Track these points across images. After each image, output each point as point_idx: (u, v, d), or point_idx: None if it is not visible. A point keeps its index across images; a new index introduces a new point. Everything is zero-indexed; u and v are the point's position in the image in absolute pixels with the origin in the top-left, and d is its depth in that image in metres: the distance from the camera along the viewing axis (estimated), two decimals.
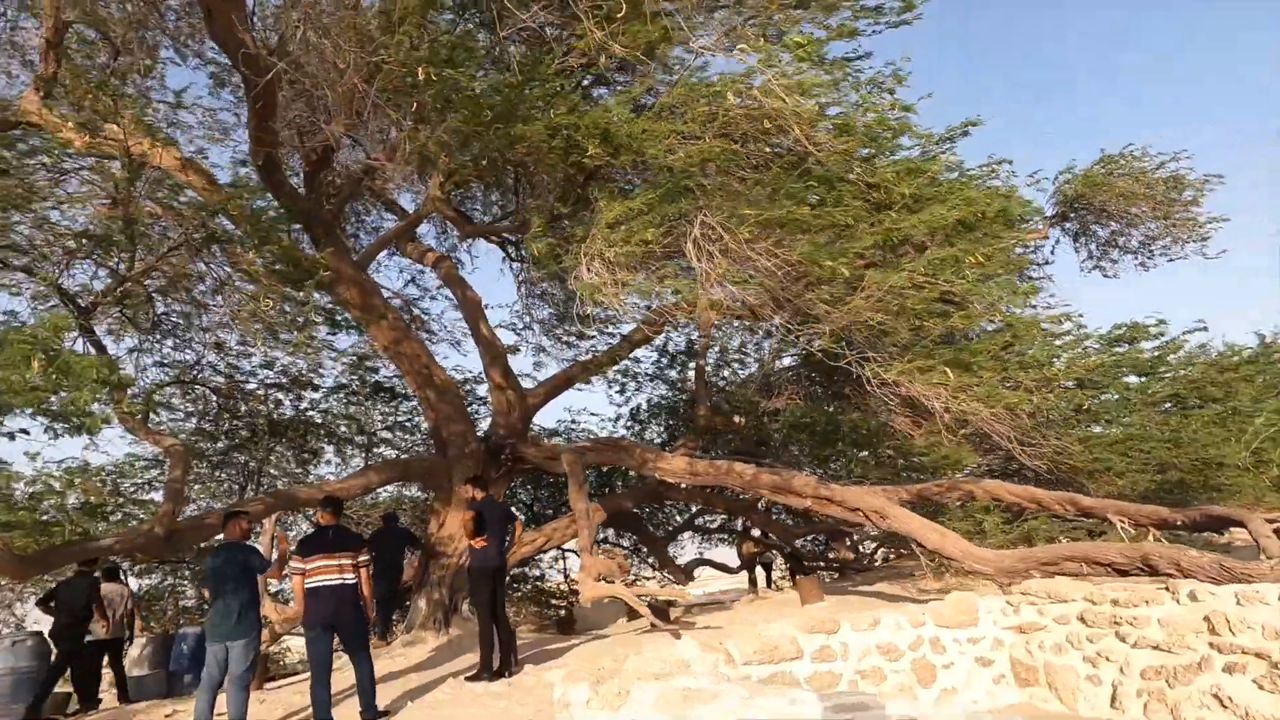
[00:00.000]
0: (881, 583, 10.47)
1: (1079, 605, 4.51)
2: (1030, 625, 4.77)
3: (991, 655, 4.83)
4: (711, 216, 4.58)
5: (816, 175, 5.08)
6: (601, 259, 4.70)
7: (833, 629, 4.63)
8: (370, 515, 14.14)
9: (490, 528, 6.28)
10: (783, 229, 4.62)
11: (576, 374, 11.63)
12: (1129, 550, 4.98)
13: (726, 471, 7.97)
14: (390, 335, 9.76)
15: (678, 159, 5.43)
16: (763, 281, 4.69)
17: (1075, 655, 4.44)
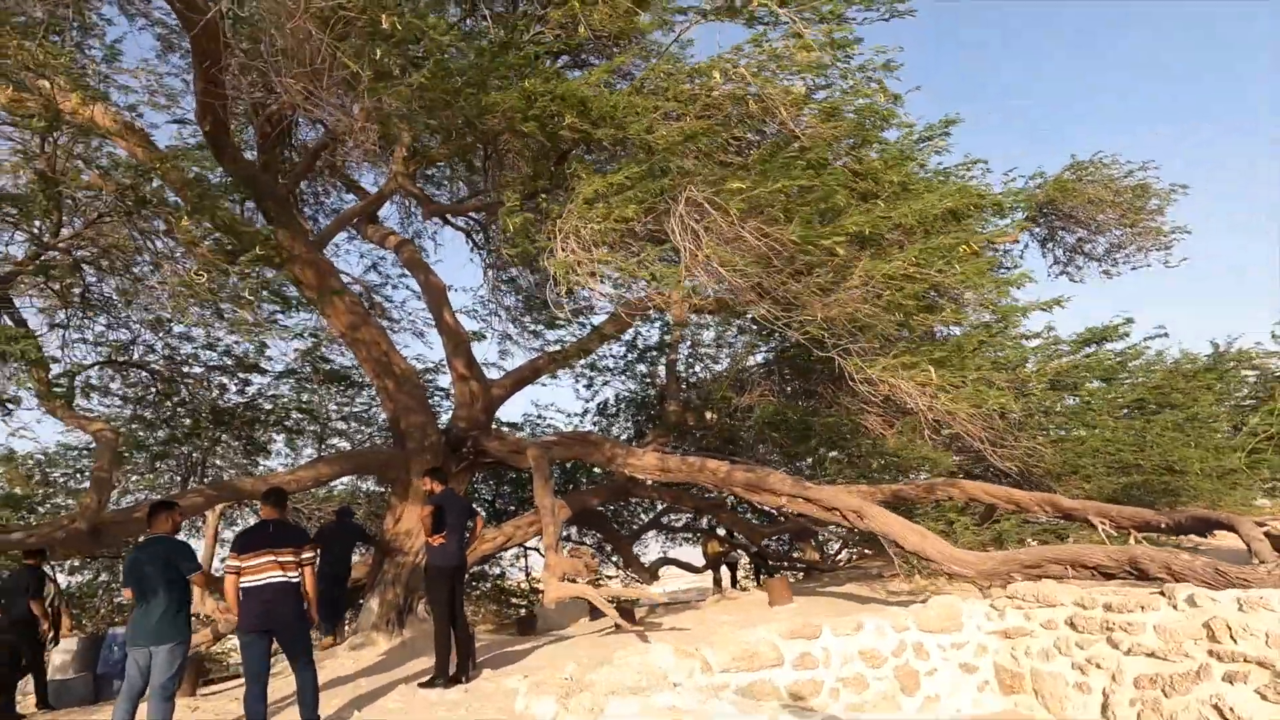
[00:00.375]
0: (850, 583, 10.33)
1: (1068, 610, 4.34)
2: (1016, 630, 4.60)
3: (976, 661, 4.65)
4: (699, 191, 4.26)
5: (806, 158, 4.81)
6: (577, 237, 4.34)
7: (814, 634, 4.38)
8: (324, 509, 13.51)
9: (450, 524, 5.88)
10: (772, 208, 4.33)
11: (544, 366, 11.23)
12: (1117, 553, 4.84)
13: (699, 469, 7.69)
14: (347, 319, 9.22)
15: (660, 137, 5.11)
16: (747, 267, 4.39)
17: (1064, 662, 4.27)
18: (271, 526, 4.78)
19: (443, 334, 10.53)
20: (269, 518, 4.83)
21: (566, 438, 9.43)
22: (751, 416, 9.74)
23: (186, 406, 7.99)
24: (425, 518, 5.77)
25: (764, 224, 4.29)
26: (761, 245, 4.28)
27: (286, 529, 4.86)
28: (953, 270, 5.04)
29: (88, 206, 5.78)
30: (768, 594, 8.98)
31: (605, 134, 5.30)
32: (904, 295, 4.92)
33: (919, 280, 4.95)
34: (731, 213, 4.08)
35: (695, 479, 7.85)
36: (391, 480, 9.49)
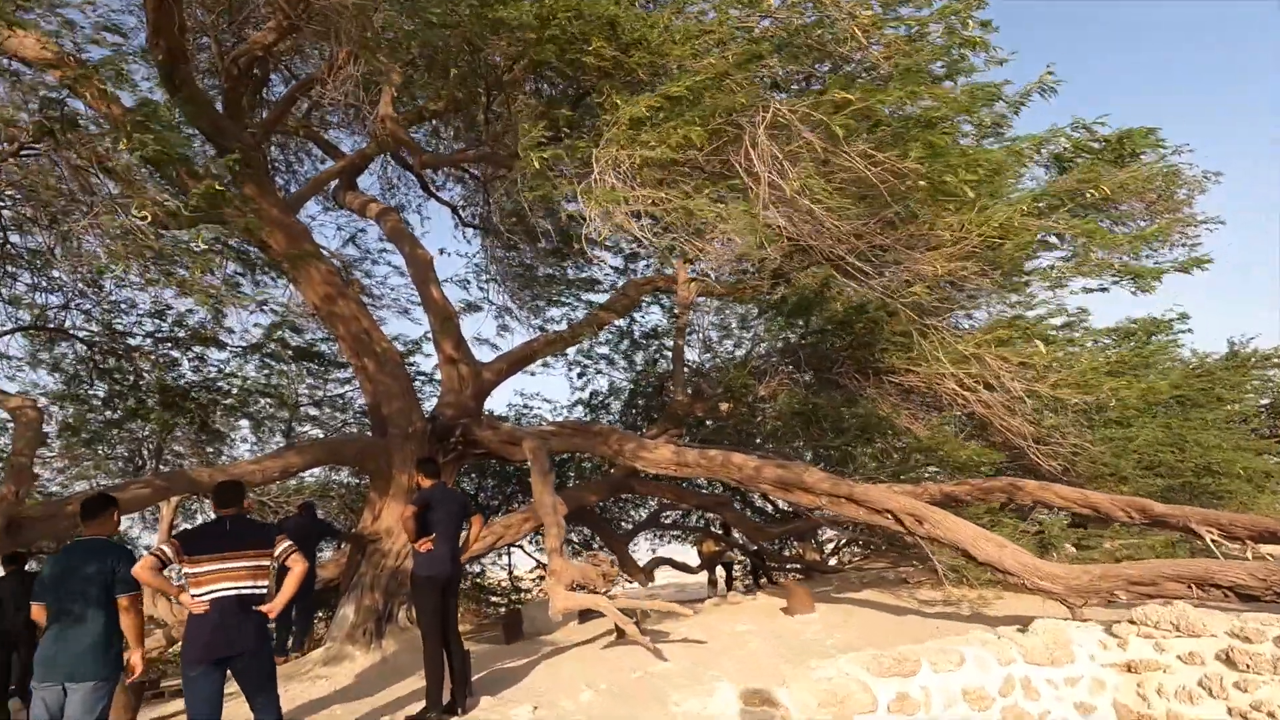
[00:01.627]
0: (867, 589, 9.56)
1: (1220, 641, 3.59)
2: (1144, 664, 3.84)
3: (1092, 700, 3.88)
4: (787, 107, 3.37)
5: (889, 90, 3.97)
6: (616, 169, 3.44)
7: (911, 670, 3.56)
8: (293, 503, 12.42)
9: (441, 525, 4.94)
10: (883, 130, 3.47)
11: (539, 349, 10.30)
12: (1261, 570, 4.10)
13: (722, 464, 6.84)
14: (322, 290, 8.20)
15: (707, 64, 4.21)
16: (847, 205, 3.52)
17: (1216, 707, 3.51)
18: (229, 523, 3.81)
19: (429, 311, 9.55)
20: (222, 514, 3.87)
21: (567, 428, 8.52)
22: (769, 408, 8.91)
23: (128, 384, 6.90)
24: (407, 520, 4.82)
25: (874, 149, 3.43)
26: (871, 175, 3.40)
27: (248, 526, 3.89)
28: (1075, 222, 4.24)
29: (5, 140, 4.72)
30: (787, 601, 8.17)
31: (639, 61, 4.39)
32: (1015, 248, 4.09)
33: (1031, 231, 4.14)
34: (835, 130, 3.20)
35: (717, 474, 7.00)
36: (370, 472, 8.51)
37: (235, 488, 3.98)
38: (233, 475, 7.11)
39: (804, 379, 8.87)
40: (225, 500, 3.89)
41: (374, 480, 8.63)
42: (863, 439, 7.74)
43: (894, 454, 7.84)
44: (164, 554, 3.58)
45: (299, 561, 3.87)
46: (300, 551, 3.94)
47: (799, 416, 7.54)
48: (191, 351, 6.60)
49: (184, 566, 3.61)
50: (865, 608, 8.04)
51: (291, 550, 3.89)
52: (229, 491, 3.94)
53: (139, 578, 3.55)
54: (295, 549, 3.91)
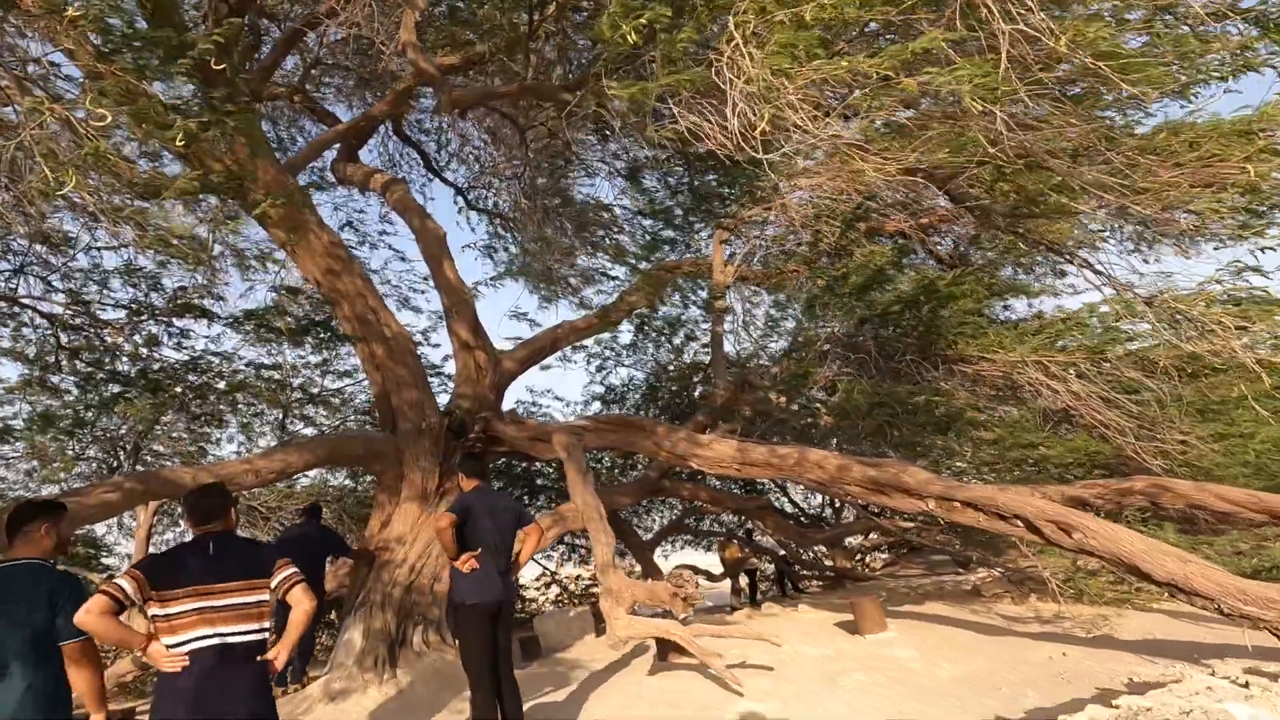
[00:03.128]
0: (931, 602, 8.61)
1: None
2: None
3: None
4: None
5: None
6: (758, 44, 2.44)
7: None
8: (289, 511, 11.30)
9: (487, 538, 3.92)
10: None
11: (564, 337, 9.27)
12: None
13: (797, 462, 5.85)
14: (323, 263, 7.13)
15: None
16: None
17: None
18: (212, 546, 2.76)
19: (441, 291, 8.51)
20: (204, 532, 2.81)
21: (603, 422, 7.50)
22: (827, 400, 7.93)
23: (103, 367, 5.81)
24: (444, 531, 3.78)
25: None
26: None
27: (238, 549, 2.83)
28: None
29: None
30: (856, 618, 7.20)
31: None
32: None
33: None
34: None
35: (789, 475, 6.01)
36: (379, 473, 7.45)
37: (217, 494, 2.90)
38: (220, 476, 6.04)
39: (867, 367, 7.90)
40: (205, 512, 2.82)
41: (382, 482, 7.58)
42: (947, 433, 6.79)
43: (981, 449, 6.90)
44: (121, 592, 2.52)
45: (306, 597, 2.80)
46: (305, 581, 2.88)
47: (878, 408, 6.57)
48: (174, 326, 5.54)
49: (151, 607, 2.57)
50: (946, 626, 7.08)
51: (294, 581, 2.81)
52: (210, 500, 2.86)
53: (86, 628, 2.49)
54: (299, 579, 2.84)
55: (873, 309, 7.57)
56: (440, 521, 3.88)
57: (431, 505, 7.38)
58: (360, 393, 10.87)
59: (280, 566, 2.81)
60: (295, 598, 2.77)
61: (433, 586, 7.05)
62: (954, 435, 6.72)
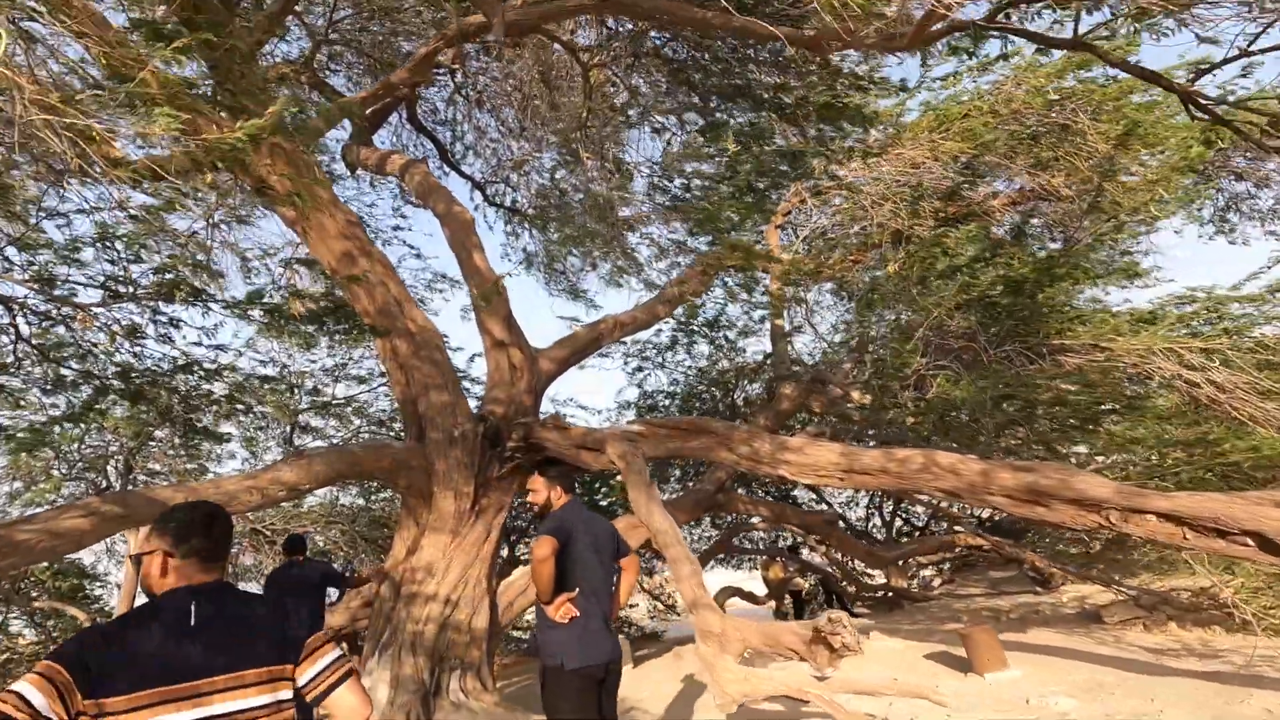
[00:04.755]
0: (1036, 629, 7.50)
1: None
2: None
3: None
4: None
5: None
6: None
7: None
8: (295, 532, 10.21)
9: (587, 573, 2.87)
10: None
11: (606, 333, 8.24)
12: None
13: (923, 468, 4.79)
14: (339, 247, 6.14)
15: None
16: None
17: None
18: (195, 607, 1.67)
19: (470, 282, 7.50)
20: (186, 582, 1.70)
21: (664, 426, 6.45)
22: (914, 397, 6.88)
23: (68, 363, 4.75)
24: (545, 563, 2.73)
25: None
26: None
27: (237, 612, 1.72)
28: None
29: None
30: (970, 653, 6.10)
31: None
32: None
33: None
34: None
35: (909, 484, 4.94)
36: (404, 489, 6.39)
37: (209, 523, 1.83)
38: (216, 496, 5.00)
39: (960, 359, 6.86)
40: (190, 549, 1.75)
41: (407, 500, 6.52)
42: (1088, 430, 5.73)
43: (1131, 448, 5.85)
44: (22, 709, 1.44)
45: (354, 689, 1.73)
46: (349, 668, 1.77)
47: (1005, 401, 5.53)
48: (160, 312, 4.46)
49: (89, 715, 1.49)
50: (1079, 661, 5.97)
51: (341, 672, 1.71)
52: (198, 528, 1.80)
53: None
54: (348, 668, 1.75)
55: (971, 292, 6.54)
56: (541, 550, 2.79)
57: (466, 527, 6.32)
58: (376, 399, 9.83)
59: (314, 645, 1.72)
60: (343, 704, 1.68)
61: (471, 623, 5.97)
62: (1099, 433, 5.66)
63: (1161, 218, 7.08)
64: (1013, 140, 7.47)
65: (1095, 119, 7.04)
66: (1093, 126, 6.98)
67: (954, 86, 7.91)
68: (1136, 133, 6.39)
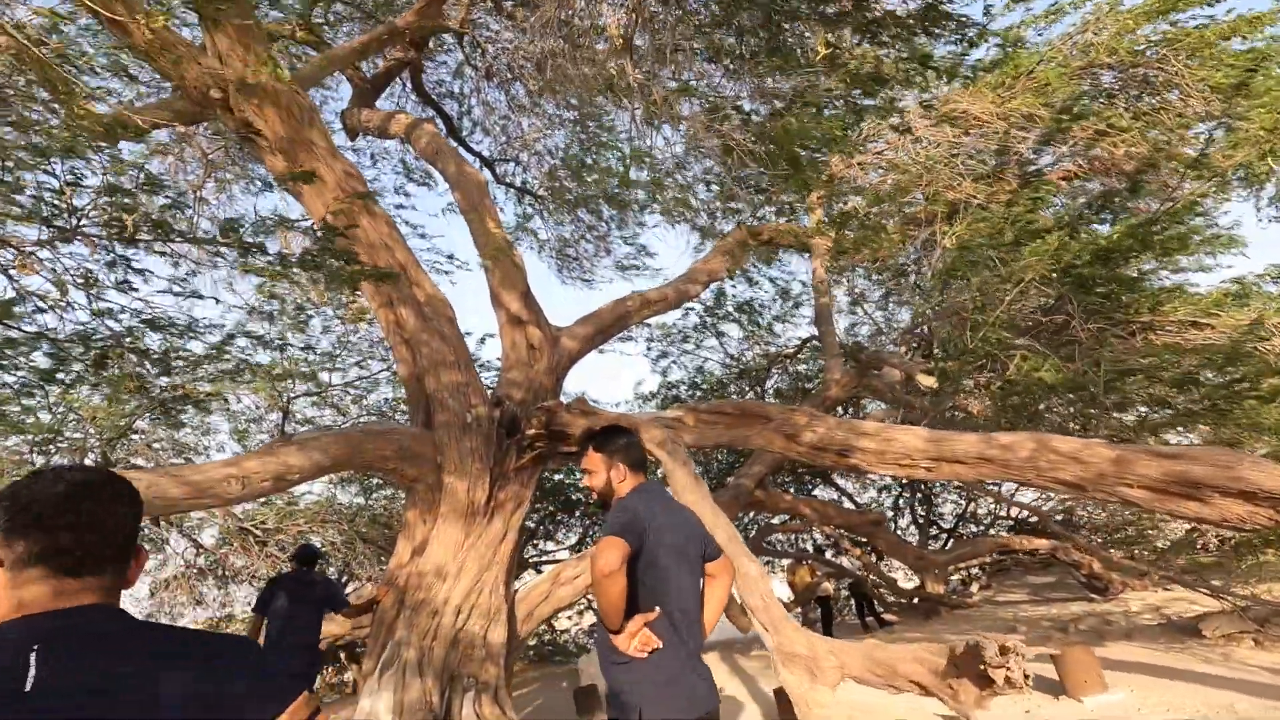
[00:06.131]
0: (1115, 643, 6.68)
1: None
2: None
3: None
4: None
5: None
6: None
7: None
8: (289, 533, 9.39)
9: (674, 584, 2.06)
10: None
11: (633, 312, 7.44)
12: None
13: (1033, 454, 3.98)
14: (339, 201, 5.33)
15: None
16: None
17: None
18: (37, 659, 0.85)
19: (484, 251, 6.69)
20: (22, 612, 0.90)
21: (708, 412, 5.64)
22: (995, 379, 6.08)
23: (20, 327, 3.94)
24: (614, 577, 1.88)
25: None
26: None
27: (120, 663, 0.91)
28: None
29: None
30: (1062, 673, 5.28)
31: None
32: None
33: None
34: None
35: (1017, 473, 4.13)
36: (411, 480, 5.57)
37: (70, 505, 1.00)
38: (194, 485, 4.19)
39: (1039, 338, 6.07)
40: (49, 553, 0.94)
41: (414, 493, 5.70)
42: (1223, 412, 4.89)
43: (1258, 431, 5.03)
44: None
45: None
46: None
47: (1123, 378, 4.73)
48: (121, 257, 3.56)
49: None
50: (1188, 682, 5.15)
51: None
52: (43, 520, 0.97)
53: None
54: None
55: (1060, 260, 5.74)
56: (607, 557, 1.93)
57: (480, 525, 5.51)
58: (378, 387, 9.02)
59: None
60: None
61: (486, 636, 5.16)
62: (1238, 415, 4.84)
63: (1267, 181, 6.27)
64: (1094, 95, 6.68)
65: (1193, 67, 6.25)
66: (1191, 75, 6.19)
67: (1021, 35, 7.14)
68: (1254, 81, 5.59)
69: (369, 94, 8.78)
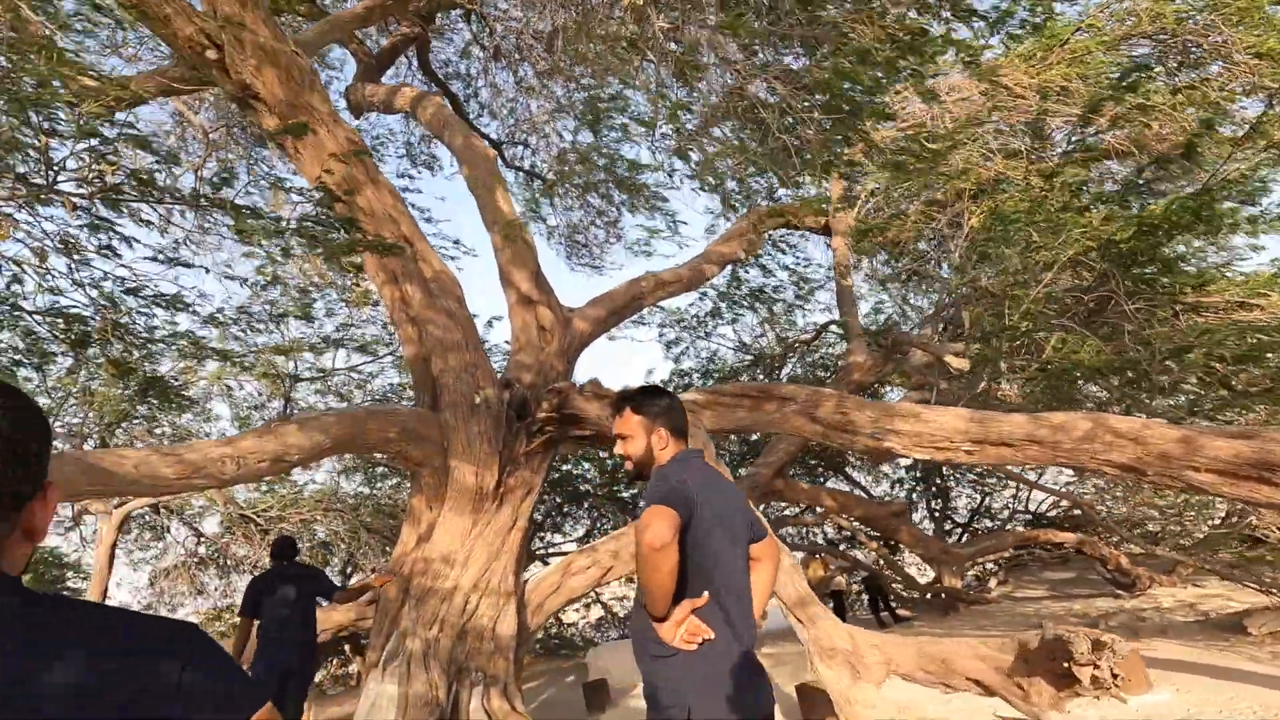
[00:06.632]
0: (1160, 640, 6.38)
1: None
2: None
3: None
4: None
5: None
6: None
7: None
8: (291, 522, 9.16)
9: (724, 569, 1.78)
10: None
11: (648, 293, 7.15)
12: None
13: (1088, 436, 3.68)
14: (338, 168, 5.05)
15: None
16: None
17: None
18: None
19: (492, 228, 6.42)
20: None
21: (729, 394, 5.36)
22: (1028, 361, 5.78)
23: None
24: (665, 553, 1.61)
25: None
26: None
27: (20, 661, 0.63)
28: None
29: None
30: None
31: None
32: None
33: None
34: None
35: (1069, 457, 3.82)
36: (416, 464, 5.31)
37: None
38: (187, 463, 3.93)
39: (1076, 317, 5.77)
40: None
41: (419, 478, 5.44)
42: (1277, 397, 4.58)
43: None
44: None
45: None
46: None
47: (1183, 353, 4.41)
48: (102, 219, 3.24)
49: None
50: (1237, 682, 4.86)
51: None
52: None
53: None
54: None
55: (1099, 237, 5.43)
56: (657, 528, 1.63)
57: (489, 512, 5.25)
58: (383, 371, 8.77)
59: None
60: None
61: (495, 627, 4.90)
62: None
63: None
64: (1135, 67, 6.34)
65: (1241, 34, 5.90)
66: (1240, 40, 5.86)
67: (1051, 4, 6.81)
68: None
69: (374, 70, 8.50)
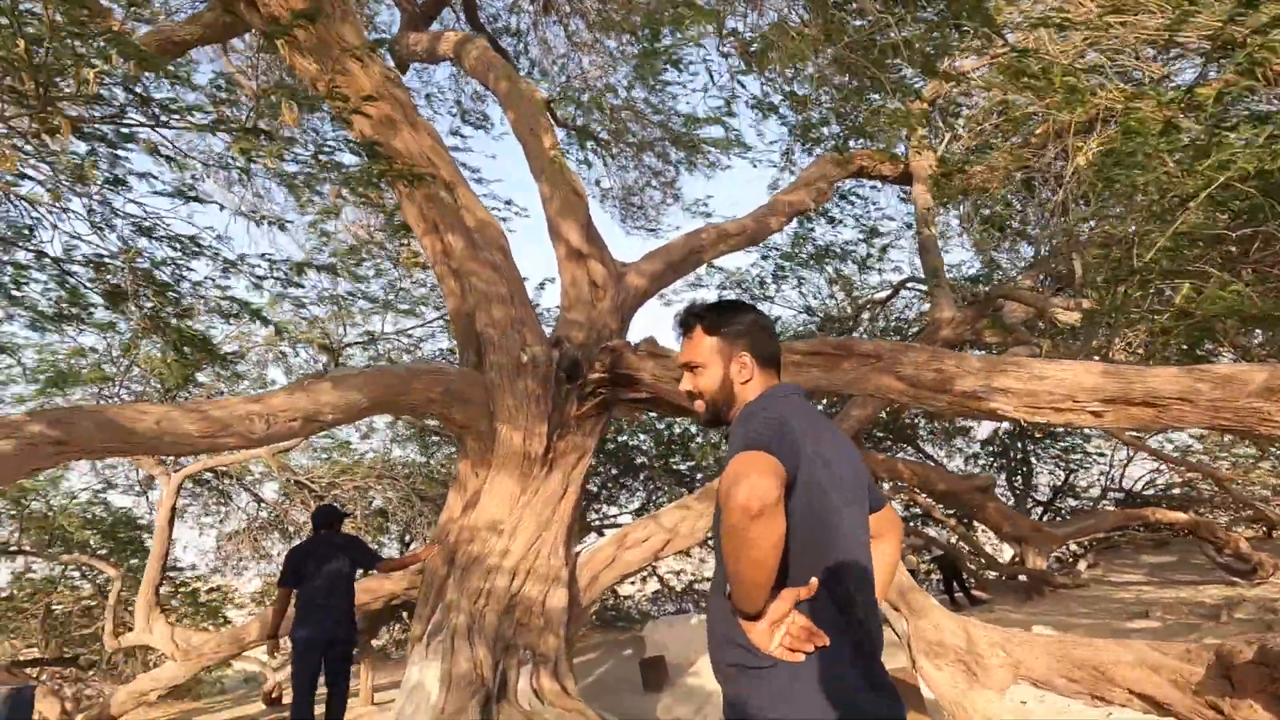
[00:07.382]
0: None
1: None
2: None
3: None
4: None
5: None
6: None
7: None
8: (344, 489, 9.09)
9: (843, 540, 1.29)
10: None
11: (708, 246, 6.59)
12: None
13: (1264, 392, 2.98)
14: (375, 111, 4.66)
15: None
16: None
17: None
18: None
19: (541, 179, 5.95)
20: None
21: (804, 351, 4.77)
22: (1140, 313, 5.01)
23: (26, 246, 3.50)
24: (755, 516, 1.12)
25: None
26: None
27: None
28: None
29: None
30: None
31: None
32: None
33: None
34: None
35: (1228, 419, 3.14)
36: (461, 428, 4.96)
37: None
38: (214, 420, 3.66)
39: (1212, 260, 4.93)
40: None
41: (465, 443, 5.09)
42: None
43: None
44: None
45: None
46: None
47: None
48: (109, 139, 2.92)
49: None
50: None
51: None
52: None
53: None
54: None
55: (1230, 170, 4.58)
56: (753, 483, 1.13)
57: (538, 479, 4.86)
58: (432, 336, 8.52)
59: None
60: None
61: (545, 602, 4.53)
62: None
63: None
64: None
65: None
66: None
67: None
68: None
69: (419, 20, 8.11)
